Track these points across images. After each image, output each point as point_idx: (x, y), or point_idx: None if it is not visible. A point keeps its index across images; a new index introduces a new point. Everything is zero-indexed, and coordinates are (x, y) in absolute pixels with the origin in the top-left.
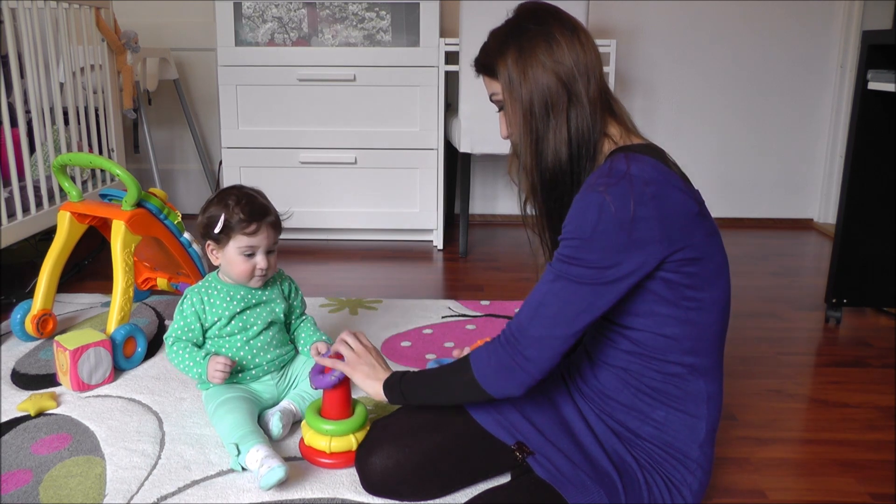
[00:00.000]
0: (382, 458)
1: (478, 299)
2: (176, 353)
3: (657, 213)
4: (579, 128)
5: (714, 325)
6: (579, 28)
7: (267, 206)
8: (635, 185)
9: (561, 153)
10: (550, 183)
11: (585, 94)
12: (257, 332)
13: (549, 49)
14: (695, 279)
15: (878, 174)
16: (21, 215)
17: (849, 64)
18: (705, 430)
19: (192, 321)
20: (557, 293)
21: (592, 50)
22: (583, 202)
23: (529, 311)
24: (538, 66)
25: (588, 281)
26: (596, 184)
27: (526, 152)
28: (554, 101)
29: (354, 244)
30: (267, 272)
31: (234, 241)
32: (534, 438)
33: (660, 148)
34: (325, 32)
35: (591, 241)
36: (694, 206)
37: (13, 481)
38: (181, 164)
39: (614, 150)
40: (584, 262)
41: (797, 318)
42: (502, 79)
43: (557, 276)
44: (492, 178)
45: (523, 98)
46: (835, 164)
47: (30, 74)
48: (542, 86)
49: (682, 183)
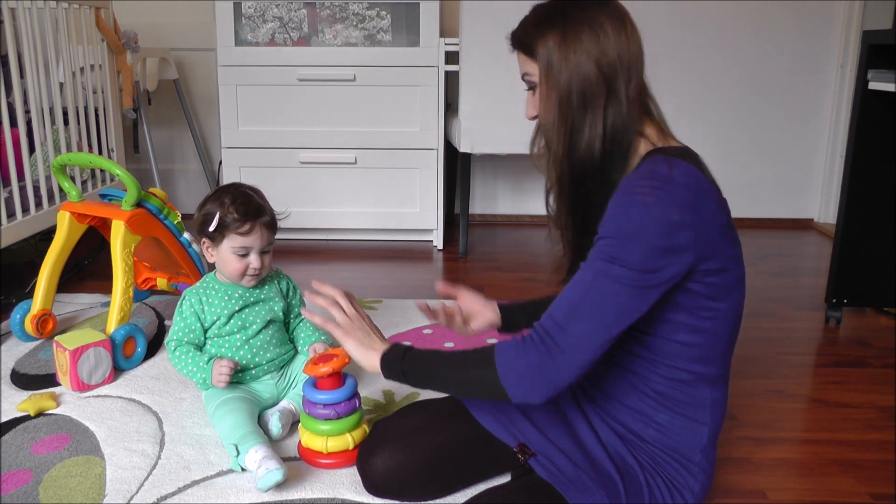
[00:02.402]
0: (384, 459)
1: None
2: (179, 359)
3: (694, 221)
4: (615, 125)
5: (726, 335)
6: (626, 17)
7: (262, 206)
8: (678, 191)
9: (594, 148)
10: (579, 177)
11: (625, 93)
12: (256, 330)
13: (595, 36)
14: (714, 289)
15: (878, 174)
16: (21, 215)
17: (849, 64)
18: (708, 435)
19: (193, 322)
20: (599, 292)
21: (636, 43)
22: (624, 203)
23: (568, 308)
24: (581, 53)
25: (629, 283)
26: (638, 185)
27: (558, 141)
28: (592, 92)
29: (354, 244)
30: (260, 272)
31: (228, 240)
32: (535, 439)
33: (694, 152)
34: (325, 32)
35: (633, 242)
36: (724, 217)
37: (13, 481)
38: (181, 164)
39: (651, 152)
40: (627, 264)
41: (797, 318)
42: (540, 60)
43: (598, 274)
44: (492, 178)
45: (561, 84)
46: (835, 164)
47: (30, 74)
48: (582, 74)
49: (717, 193)
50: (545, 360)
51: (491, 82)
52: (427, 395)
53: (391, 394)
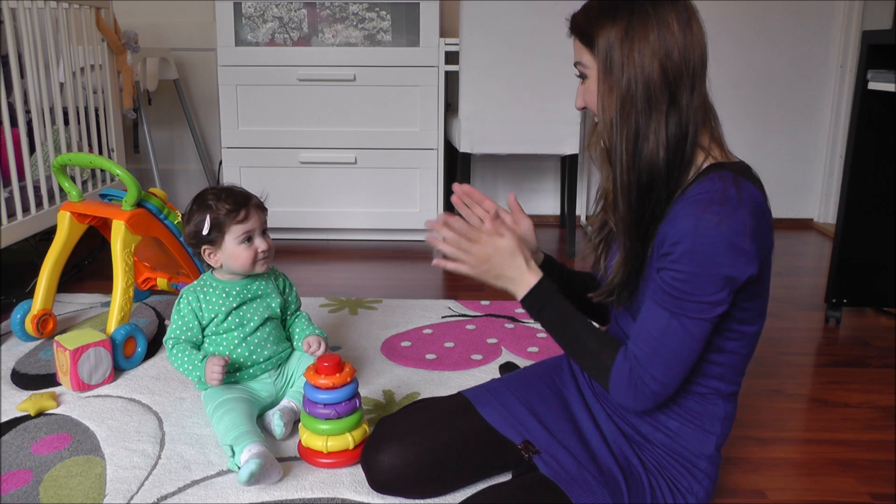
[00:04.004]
0: (391, 456)
1: (478, 299)
2: (175, 357)
3: (759, 249)
4: (677, 134)
5: (746, 356)
6: (694, 16)
7: (247, 192)
8: (747, 219)
9: (658, 156)
10: (647, 186)
11: (688, 102)
12: (254, 327)
13: (661, 35)
14: (746, 314)
15: (878, 174)
16: (21, 215)
17: (849, 64)
18: (715, 444)
19: (190, 319)
20: (677, 336)
21: (700, 48)
22: (696, 226)
23: (649, 349)
24: (647, 51)
25: (703, 315)
26: (708, 206)
27: (621, 145)
28: (656, 96)
29: (354, 244)
30: (268, 253)
31: (230, 233)
32: (541, 436)
33: (750, 167)
34: (325, 32)
35: (705, 275)
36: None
37: (13, 481)
38: (181, 164)
39: (713, 166)
40: (698, 298)
41: (797, 318)
42: (599, 53)
43: (674, 313)
44: (492, 178)
45: (622, 82)
46: (835, 164)
47: (30, 74)
48: (646, 73)
49: (771, 214)
50: (636, 390)
51: (491, 82)
52: (430, 393)
53: (391, 393)
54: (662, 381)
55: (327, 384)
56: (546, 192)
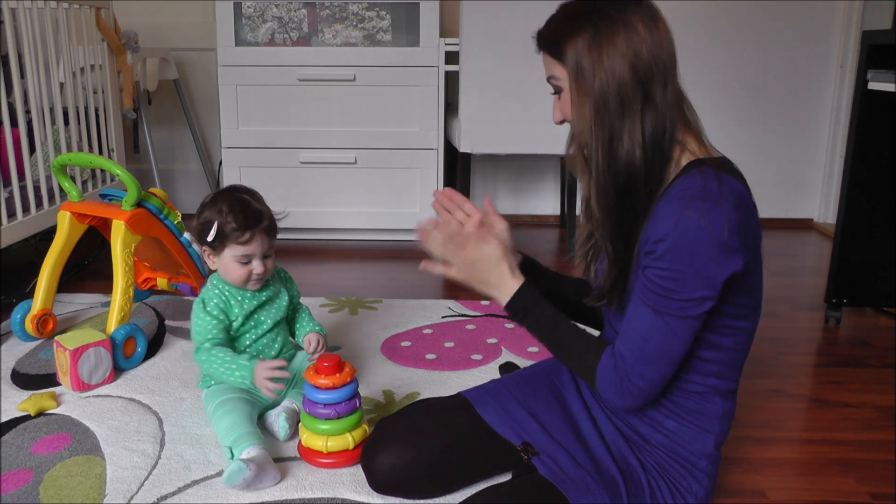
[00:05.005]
0: (390, 457)
1: (478, 299)
2: (214, 357)
3: (744, 243)
4: (655, 132)
5: (743, 352)
6: (657, 15)
7: (261, 212)
8: (731, 213)
9: (635, 157)
10: (625, 188)
11: (661, 98)
12: (266, 329)
13: (627, 36)
14: (740, 309)
15: (878, 174)
16: (21, 215)
17: (849, 64)
18: (714, 443)
19: (223, 320)
20: (662, 335)
21: (668, 45)
22: (677, 223)
23: (634, 347)
24: (615, 55)
25: (688, 313)
26: (690, 203)
27: (597, 151)
28: (629, 98)
29: (354, 244)
30: (263, 276)
31: (230, 249)
32: (540, 437)
33: (732, 162)
34: (325, 32)
35: (688, 272)
36: (761, 235)
37: (13, 481)
38: (181, 164)
39: (694, 162)
40: (682, 296)
41: (797, 318)
42: (569, 63)
43: (658, 312)
44: (492, 178)
45: (595, 89)
46: (835, 164)
47: (30, 74)
48: (617, 77)
49: (755, 208)
50: (622, 389)
51: (491, 82)
52: (430, 393)
53: (391, 394)
54: (649, 379)
55: (327, 384)
56: (546, 192)
